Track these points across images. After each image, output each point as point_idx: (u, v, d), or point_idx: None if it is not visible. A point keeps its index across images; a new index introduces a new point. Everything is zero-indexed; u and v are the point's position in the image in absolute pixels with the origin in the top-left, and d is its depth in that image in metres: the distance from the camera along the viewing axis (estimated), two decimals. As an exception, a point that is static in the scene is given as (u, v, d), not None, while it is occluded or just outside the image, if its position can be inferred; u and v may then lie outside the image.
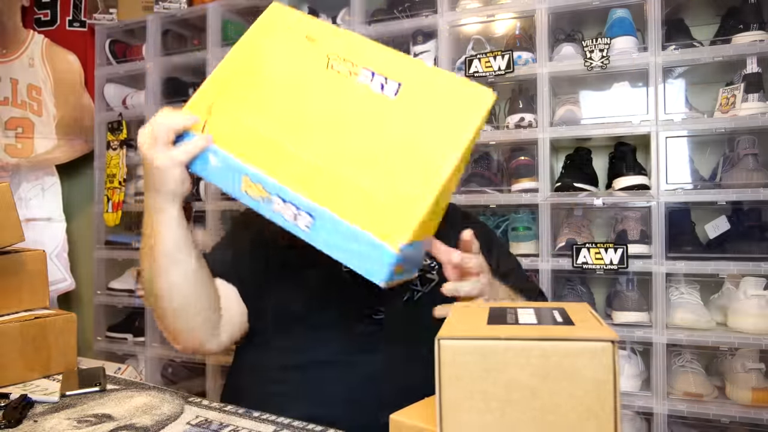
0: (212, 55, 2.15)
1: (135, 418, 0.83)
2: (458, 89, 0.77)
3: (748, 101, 1.51)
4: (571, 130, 1.67)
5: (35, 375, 1.04)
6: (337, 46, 0.80)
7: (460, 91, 0.77)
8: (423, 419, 0.58)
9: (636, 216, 1.67)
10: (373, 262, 0.68)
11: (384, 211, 0.70)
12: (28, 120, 2.59)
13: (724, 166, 1.61)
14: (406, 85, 0.76)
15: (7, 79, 2.57)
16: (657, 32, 1.57)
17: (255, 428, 0.81)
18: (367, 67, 0.78)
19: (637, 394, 1.57)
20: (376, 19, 1.93)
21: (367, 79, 0.77)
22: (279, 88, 0.81)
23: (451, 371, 0.48)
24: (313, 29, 0.82)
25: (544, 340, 0.46)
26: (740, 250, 1.53)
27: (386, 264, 0.68)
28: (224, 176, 0.78)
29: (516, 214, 1.81)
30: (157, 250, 0.87)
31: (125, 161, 2.36)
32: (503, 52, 1.71)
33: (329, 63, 0.79)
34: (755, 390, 1.46)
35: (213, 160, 0.78)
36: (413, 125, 0.75)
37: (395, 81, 0.76)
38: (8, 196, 1.09)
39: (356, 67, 0.78)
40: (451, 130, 0.74)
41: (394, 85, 0.76)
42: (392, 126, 0.75)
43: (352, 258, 0.70)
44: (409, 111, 0.75)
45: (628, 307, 1.61)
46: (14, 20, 2.61)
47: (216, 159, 0.78)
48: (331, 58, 0.79)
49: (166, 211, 0.86)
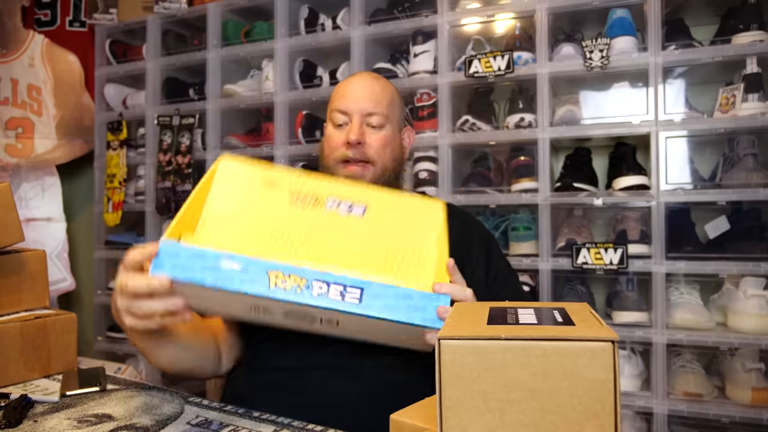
0: (212, 55, 2.16)
1: (135, 418, 0.83)
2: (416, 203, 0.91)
3: (748, 101, 1.51)
4: (571, 130, 1.67)
5: (35, 375, 1.04)
6: (297, 184, 0.87)
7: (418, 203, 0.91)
8: (423, 419, 0.58)
9: (636, 216, 1.67)
10: (426, 309, 0.79)
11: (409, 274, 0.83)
12: (28, 120, 2.59)
13: (724, 166, 1.61)
14: (371, 207, 0.87)
15: (7, 79, 2.57)
16: (657, 32, 1.57)
17: (255, 428, 0.81)
18: (331, 196, 0.86)
19: (637, 394, 1.57)
20: (376, 19, 1.93)
21: (334, 206, 0.86)
22: (255, 223, 0.83)
23: (451, 371, 0.48)
24: (268, 176, 0.87)
25: (544, 340, 0.46)
26: (740, 250, 1.53)
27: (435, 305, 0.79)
28: (244, 278, 0.75)
29: (516, 214, 1.81)
30: (143, 349, 0.90)
31: (125, 161, 2.36)
32: (503, 52, 1.71)
33: (293, 198, 0.85)
34: (755, 390, 1.45)
35: (228, 265, 0.75)
36: (390, 229, 0.86)
37: (361, 204, 0.86)
38: (8, 196, 1.09)
39: (320, 198, 0.86)
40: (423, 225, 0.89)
41: (360, 208, 0.86)
42: (372, 232, 0.85)
43: (409, 312, 0.78)
44: (382, 222, 0.86)
45: (628, 307, 1.61)
46: (14, 20, 2.62)
47: (233, 263, 0.75)
48: (294, 195, 0.85)
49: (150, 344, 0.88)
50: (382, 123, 1.12)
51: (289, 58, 2.06)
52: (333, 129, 1.14)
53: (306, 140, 2.02)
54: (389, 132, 1.13)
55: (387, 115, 1.13)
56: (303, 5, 2.07)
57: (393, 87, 1.19)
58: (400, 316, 0.78)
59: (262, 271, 0.75)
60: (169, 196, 2.20)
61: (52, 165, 2.62)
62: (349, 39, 1.94)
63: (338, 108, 1.13)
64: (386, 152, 1.12)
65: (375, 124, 1.12)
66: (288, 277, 0.75)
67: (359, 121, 1.11)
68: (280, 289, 0.75)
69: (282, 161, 2.04)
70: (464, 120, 1.79)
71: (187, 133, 2.22)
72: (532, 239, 1.74)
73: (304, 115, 2.03)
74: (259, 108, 2.18)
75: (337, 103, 1.14)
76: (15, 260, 1.12)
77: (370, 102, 1.12)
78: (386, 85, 1.17)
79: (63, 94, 2.64)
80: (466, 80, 1.77)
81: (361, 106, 1.12)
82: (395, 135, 1.16)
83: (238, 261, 0.75)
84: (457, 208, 1.21)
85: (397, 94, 1.19)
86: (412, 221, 0.88)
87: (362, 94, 1.13)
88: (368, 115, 1.12)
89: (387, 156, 1.13)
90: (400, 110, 1.19)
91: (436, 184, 1.81)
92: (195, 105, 2.23)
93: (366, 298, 0.77)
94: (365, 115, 1.12)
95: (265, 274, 0.75)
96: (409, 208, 0.90)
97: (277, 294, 0.75)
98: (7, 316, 1.07)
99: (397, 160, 1.16)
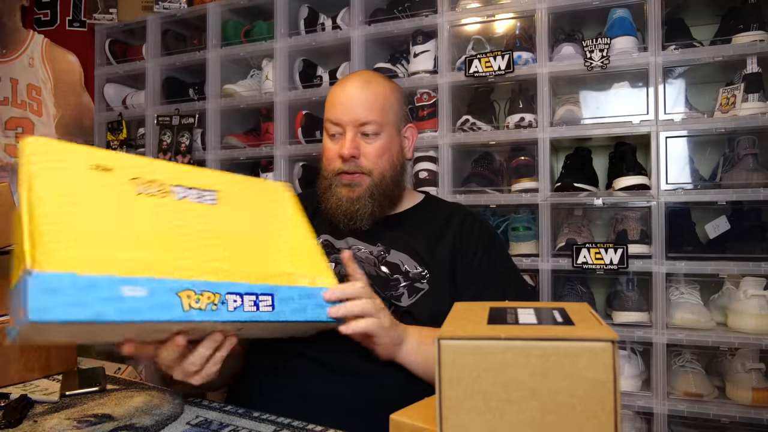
0: (212, 55, 2.16)
1: (135, 418, 0.83)
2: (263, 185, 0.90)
3: (748, 101, 1.51)
4: (571, 130, 1.67)
5: (35, 375, 1.04)
6: (135, 170, 0.74)
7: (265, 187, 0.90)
8: (423, 419, 0.58)
9: (636, 216, 1.67)
10: (326, 305, 0.81)
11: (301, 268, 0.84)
12: (28, 120, 2.59)
13: (724, 166, 1.61)
14: (222, 193, 0.82)
15: (7, 79, 2.57)
16: (657, 32, 1.57)
17: (255, 428, 0.81)
18: (176, 184, 0.77)
19: (637, 394, 1.57)
20: (376, 19, 1.93)
21: (182, 194, 0.78)
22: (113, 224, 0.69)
23: (451, 371, 0.48)
24: (96, 157, 0.70)
25: (544, 340, 0.46)
26: (740, 250, 1.53)
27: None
28: (153, 304, 0.63)
29: (516, 214, 1.81)
30: None
31: (125, 161, 2.36)
32: (503, 52, 1.71)
33: (137, 187, 0.73)
34: (755, 390, 1.45)
35: (131, 292, 0.62)
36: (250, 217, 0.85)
37: (209, 191, 0.81)
38: (8, 196, 1.09)
39: (165, 186, 0.76)
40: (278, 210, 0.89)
41: (211, 195, 0.81)
42: (237, 224, 0.82)
43: (315, 310, 0.80)
44: (240, 210, 0.83)
45: (628, 307, 1.61)
46: (14, 20, 2.62)
47: (135, 289, 0.62)
48: (136, 183, 0.73)
49: None
50: (377, 131, 1.07)
51: (289, 57, 2.06)
52: (328, 139, 1.11)
53: (306, 140, 2.02)
54: (385, 139, 1.09)
55: (381, 122, 1.08)
56: (303, 5, 2.07)
57: (389, 86, 1.13)
58: (309, 316, 0.79)
59: (170, 293, 0.65)
60: (169, 196, 2.20)
61: (52, 165, 2.62)
62: (349, 39, 1.94)
63: (330, 118, 1.09)
64: (383, 161, 1.09)
65: (369, 133, 1.07)
66: (201, 296, 0.68)
67: (352, 132, 1.07)
68: (195, 309, 0.67)
69: (282, 161, 2.04)
70: (464, 120, 1.79)
71: (187, 132, 2.22)
72: (532, 239, 1.74)
73: (303, 114, 2.03)
74: (259, 108, 2.18)
75: (329, 113, 1.09)
76: (15, 260, 1.12)
77: (363, 111, 1.06)
78: (380, 86, 1.11)
79: (63, 94, 2.64)
80: (466, 80, 1.77)
81: (353, 116, 1.06)
82: (393, 139, 1.11)
83: (141, 285, 0.63)
84: (461, 206, 1.20)
85: (393, 92, 1.13)
86: (266, 206, 0.87)
87: (354, 102, 1.07)
88: (361, 125, 1.07)
89: (384, 164, 1.09)
90: (398, 110, 1.13)
91: (436, 184, 1.81)
92: (195, 105, 2.23)
93: (277, 303, 0.75)
94: (358, 126, 1.07)
95: (175, 295, 0.65)
96: (258, 192, 0.88)
97: (193, 316, 0.66)
98: (7, 316, 1.07)
99: (397, 163, 1.12)
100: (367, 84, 1.09)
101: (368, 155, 1.08)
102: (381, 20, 1.92)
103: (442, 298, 1.03)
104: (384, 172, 1.09)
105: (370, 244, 1.08)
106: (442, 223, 1.12)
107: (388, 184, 1.10)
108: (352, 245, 1.09)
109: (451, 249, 1.08)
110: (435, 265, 1.06)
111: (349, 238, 1.10)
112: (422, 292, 1.03)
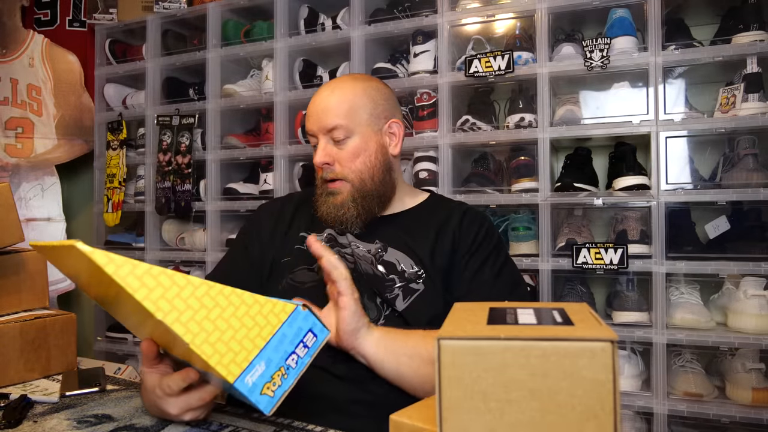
0: (212, 55, 2.16)
1: (135, 419, 0.83)
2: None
3: (748, 101, 1.51)
4: (571, 130, 1.67)
5: (35, 375, 1.04)
6: None
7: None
8: (423, 419, 0.58)
9: (636, 216, 1.67)
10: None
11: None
12: (28, 120, 2.59)
13: (724, 166, 1.61)
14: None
15: (7, 79, 2.57)
16: (657, 32, 1.57)
17: (255, 428, 0.81)
18: None
19: (637, 394, 1.57)
20: (376, 19, 1.93)
21: None
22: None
23: (451, 371, 0.47)
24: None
25: (544, 340, 0.46)
26: (740, 250, 1.53)
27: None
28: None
29: (516, 214, 1.81)
30: None
31: (125, 161, 2.36)
32: (503, 52, 1.71)
33: None
34: (755, 390, 1.46)
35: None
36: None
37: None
38: (8, 196, 1.09)
39: None
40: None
41: None
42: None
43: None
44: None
45: (628, 307, 1.61)
46: (14, 20, 2.62)
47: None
48: None
49: None
50: (347, 134, 1.08)
51: (289, 57, 2.06)
52: (313, 149, 1.14)
53: (306, 140, 2.02)
54: (358, 141, 1.08)
55: (348, 126, 1.07)
56: (303, 5, 2.07)
57: (360, 87, 1.11)
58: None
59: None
60: (169, 196, 2.20)
61: (51, 165, 2.62)
62: (349, 39, 1.94)
63: (306, 130, 1.13)
64: (358, 163, 1.09)
65: (340, 138, 1.08)
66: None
67: (324, 140, 1.09)
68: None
69: (282, 161, 2.04)
70: (464, 120, 1.79)
71: (187, 133, 2.22)
72: (532, 239, 1.74)
73: (304, 115, 2.04)
74: (259, 108, 2.18)
75: (306, 125, 1.13)
76: (15, 260, 1.12)
77: (327, 117, 1.07)
78: (347, 90, 1.10)
79: (63, 94, 2.64)
80: (466, 80, 1.77)
81: (320, 124, 1.08)
82: (369, 139, 1.10)
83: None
84: (463, 204, 1.19)
85: (365, 92, 1.11)
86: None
87: (320, 110, 1.09)
88: (330, 131, 1.08)
89: (359, 166, 1.09)
90: (372, 109, 1.11)
91: (436, 184, 1.81)
92: (195, 105, 2.23)
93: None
94: (326, 133, 1.08)
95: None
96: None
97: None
98: (6, 316, 1.07)
99: (377, 163, 1.11)
100: (332, 91, 1.10)
101: (342, 160, 1.09)
102: (381, 20, 1.92)
103: (436, 298, 1.03)
104: (362, 175, 1.09)
105: (368, 242, 1.09)
106: (443, 222, 1.12)
107: (372, 185, 1.10)
108: (351, 242, 1.10)
109: (451, 248, 1.08)
110: (432, 264, 1.06)
111: (348, 235, 1.11)
112: (417, 293, 1.03)
